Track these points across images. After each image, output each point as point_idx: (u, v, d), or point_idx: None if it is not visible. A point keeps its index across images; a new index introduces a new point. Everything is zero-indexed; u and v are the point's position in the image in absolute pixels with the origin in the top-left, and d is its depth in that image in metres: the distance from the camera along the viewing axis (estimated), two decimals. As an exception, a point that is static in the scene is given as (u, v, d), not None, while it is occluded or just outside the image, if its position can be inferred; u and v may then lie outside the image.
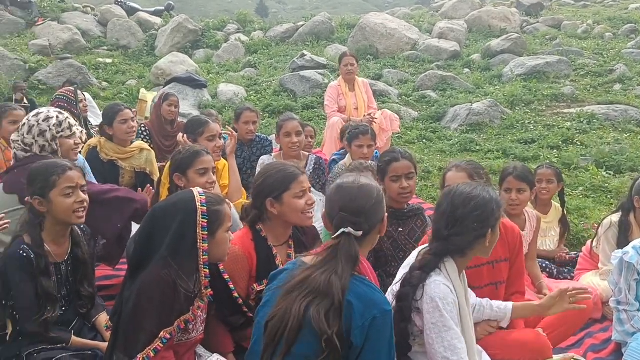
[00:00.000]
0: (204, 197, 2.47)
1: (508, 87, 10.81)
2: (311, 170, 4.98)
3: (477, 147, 8.53)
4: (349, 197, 2.20)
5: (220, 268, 2.74)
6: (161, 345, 2.26)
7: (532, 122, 9.41)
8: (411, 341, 2.45)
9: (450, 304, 2.32)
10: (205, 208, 2.42)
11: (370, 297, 2.02)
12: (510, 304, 2.85)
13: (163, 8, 18.21)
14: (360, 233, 2.14)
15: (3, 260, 2.74)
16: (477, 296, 2.87)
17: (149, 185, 4.41)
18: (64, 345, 2.75)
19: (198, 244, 2.38)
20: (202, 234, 2.39)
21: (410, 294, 2.39)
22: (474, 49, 13.77)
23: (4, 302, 2.74)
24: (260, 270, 2.88)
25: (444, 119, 9.94)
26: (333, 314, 1.96)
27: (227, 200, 2.64)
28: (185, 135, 4.28)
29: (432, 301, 2.31)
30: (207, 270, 2.43)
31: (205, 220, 2.40)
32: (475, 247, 2.46)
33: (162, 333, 2.27)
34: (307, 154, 5.07)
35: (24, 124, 3.58)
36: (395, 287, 2.53)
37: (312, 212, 2.95)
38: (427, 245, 2.57)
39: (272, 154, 5.11)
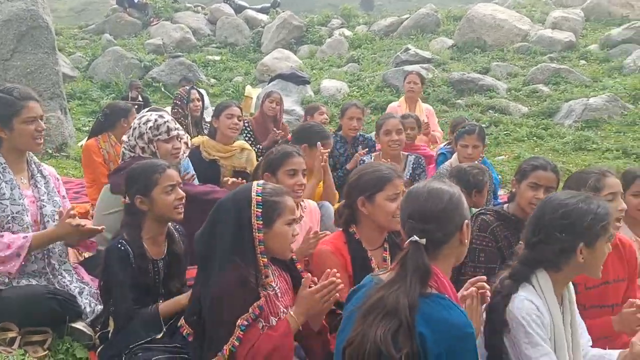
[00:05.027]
0: (261, 188, 2.47)
1: (630, 80, 10.02)
2: (410, 171, 4.83)
3: (594, 146, 7.99)
4: (416, 203, 2.04)
5: (299, 267, 2.68)
6: (242, 333, 2.28)
7: (658, 118, 8.67)
8: (504, 358, 2.27)
9: (534, 320, 2.16)
10: (260, 198, 2.42)
11: (445, 319, 1.84)
12: (615, 353, 2.44)
13: (269, 5, 18.57)
14: (424, 241, 1.96)
15: (104, 256, 2.84)
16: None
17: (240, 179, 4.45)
18: (157, 337, 2.78)
19: (254, 234, 2.37)
20: (257, 224, 2.38)
21: (501, 305, 2.23)
22: (591, 39, 12.91)
23: (106, 299, 2.85)
24: (357, 274, 2.80)
25: (556, 115, 9.38)
26: (403, 336, 1.81)
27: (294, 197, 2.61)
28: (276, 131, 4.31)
29: (515, 317, 2.17)
30: (266, 260, 2.41)
31: (260, 210, 2.39)
32: (569, 262, 2.22)
33: (239, 321, 2.29)
34: (406, 154, 4.92)
35: (132, 125, 3.73)
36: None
37: None
38: None
39: (372, 155, 5.00)
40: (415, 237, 1.97)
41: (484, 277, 2.30)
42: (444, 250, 2.02)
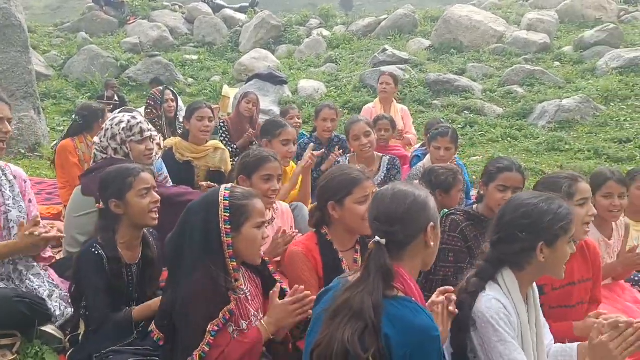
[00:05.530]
0: (229, 192, 2.46)
1: (602, 82, 10.20)
2: (385, 172, 4.86)
3: (566, 147, 8.12)
4: (382, 205, 2.05)
5: (271, 268, 2.70)
6: (212, 339, 2.28)
7: (629, 119, 8.84)
8: (470, 356, 2.30)
9: (502, 318, 2.18)
10: (227, 202, 2.41)
11: (410, 321, 1.85)
12: (574, 346, 2.49)
13: (248, 4, 18.52)
14: (384, 241, 1.97)
15: (77, 260, 2.82)
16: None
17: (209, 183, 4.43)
18: (131, 341, 2.77)
19: (222, 238, 2.37)
20: (225, 228, 2.38)
21: (467, 303, 2.25)
22: (565, 41, 13.10)
23: (77, 302, 2.83)
24: (328, 275, 2.80)
25: (530, 116, 9.51)
26: (369, 337, 1.82)
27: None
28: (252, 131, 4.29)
29: (483, 316, 2.19)
30: (235, 264, 2.41)
31: (227, 214, 2.39)
32: (530, 261, 2.25)
33: (209, 327, 2.29)
34: (381, 155, 4.95)
35: (104, 127, 3.70)
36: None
37: None
38: None
39: (347, 156, 5.02)
40: (377, 238, 1.98)
41: (452, 288, 2.30)
42: (408, 252, 2.03)
